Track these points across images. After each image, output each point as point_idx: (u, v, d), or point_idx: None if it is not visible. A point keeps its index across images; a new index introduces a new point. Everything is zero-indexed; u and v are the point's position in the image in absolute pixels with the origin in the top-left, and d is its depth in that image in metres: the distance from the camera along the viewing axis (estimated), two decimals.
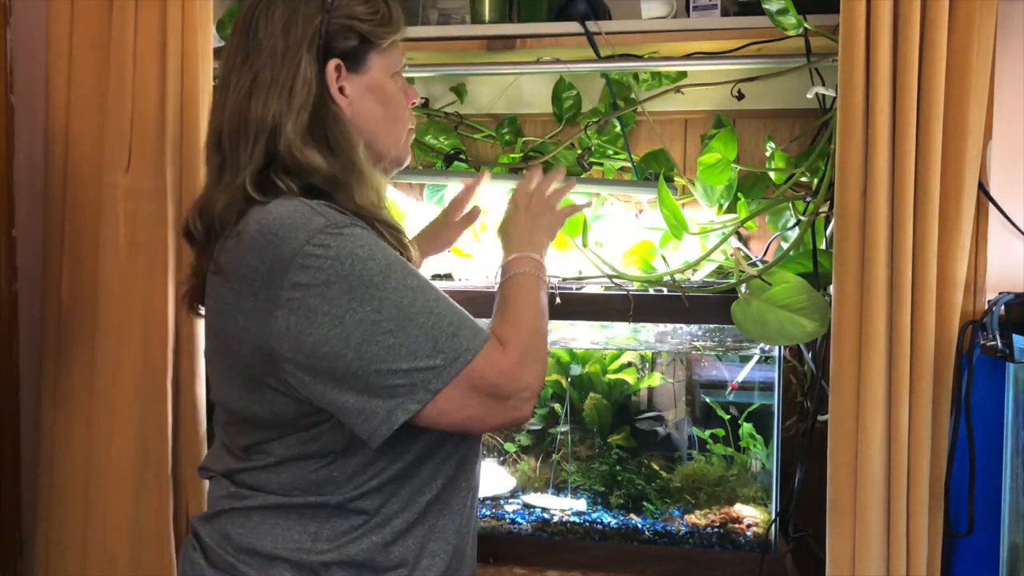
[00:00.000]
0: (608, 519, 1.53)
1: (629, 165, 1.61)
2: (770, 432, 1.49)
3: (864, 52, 1.11)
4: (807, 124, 1.56)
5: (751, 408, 1.55)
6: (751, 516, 1.51)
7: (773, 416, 1.48)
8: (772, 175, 1.46)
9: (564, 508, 1.56)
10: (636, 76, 1.56)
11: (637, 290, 1.37)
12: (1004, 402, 1.12)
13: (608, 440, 1.61)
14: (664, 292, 1.36)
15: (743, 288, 1.28)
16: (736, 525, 1.50)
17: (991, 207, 1.17)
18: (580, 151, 1.57)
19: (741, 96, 1.41)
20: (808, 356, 1.47)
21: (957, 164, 1.10)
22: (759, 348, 1.51)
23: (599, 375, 1.61)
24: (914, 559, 1.13)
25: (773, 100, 1.56)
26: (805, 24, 1.22)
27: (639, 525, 1.52)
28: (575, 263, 1.49)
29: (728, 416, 1.56)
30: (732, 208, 1.47)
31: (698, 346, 1.54)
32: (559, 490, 1.61)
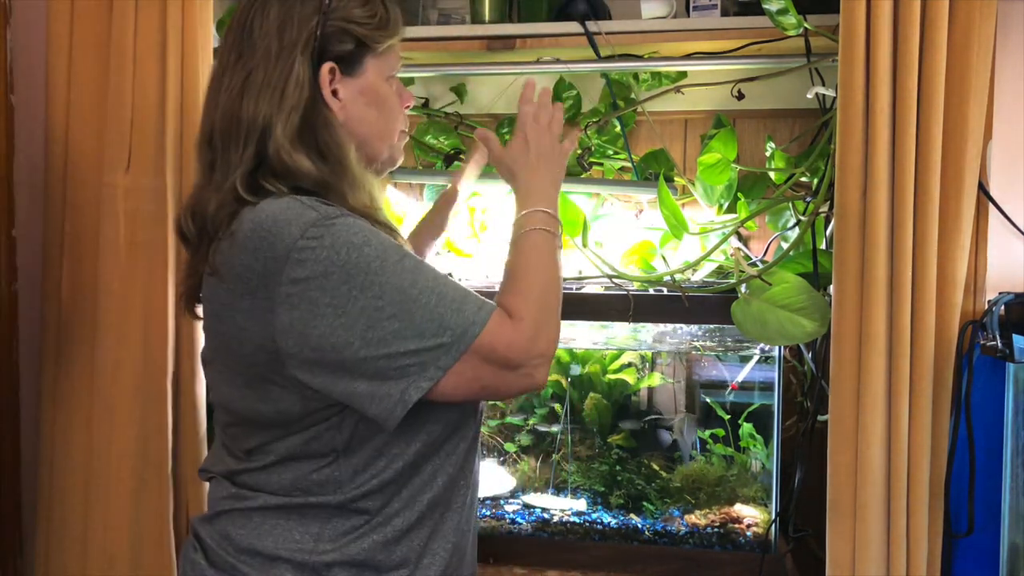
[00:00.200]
0: (608, 519, 1.53)
1: (629, 165, 1.61)
2: (770, 432, 1.49)
3: (864, 52, 1.11)
4: (807, 124, 1.56)
5: (751, 408, 1.55)
6: (751, 516, 1.51)
7: (773, 416, 1.48)
8: (772, 175, 1.46)
9: (564, 508, 1.56)
10: (636, 76, 1.56)
11: (637, 290, 1.37)
12: (1004, 402, 1.12)
13: (608, 440, 1.61)
14: (664, 292, 1.36)
15: (743, 288, 1.28)
16: (736, 525, 1.50)
17: (991, 207, 1.17)
18: (580, 151, 1.57)
19: (741, 96, 1.41)
20: (808, 356, 1.47)
21: (957, 164, 1.10)
22: (759, 348, 1.51)
23: (599, 375, 1.61)
24: (914, 559, 1.13)
25: (773, 100, 1.56)
26: (805, 24, 1.22)
27: (639, 525, 1.52)
28: (575, 263, 1.49)
29: (728, 416, 1.56)
30: (732, 208, 1.47)
31: (698, 346, 1.54)
32: (559, 490, 1.61)
